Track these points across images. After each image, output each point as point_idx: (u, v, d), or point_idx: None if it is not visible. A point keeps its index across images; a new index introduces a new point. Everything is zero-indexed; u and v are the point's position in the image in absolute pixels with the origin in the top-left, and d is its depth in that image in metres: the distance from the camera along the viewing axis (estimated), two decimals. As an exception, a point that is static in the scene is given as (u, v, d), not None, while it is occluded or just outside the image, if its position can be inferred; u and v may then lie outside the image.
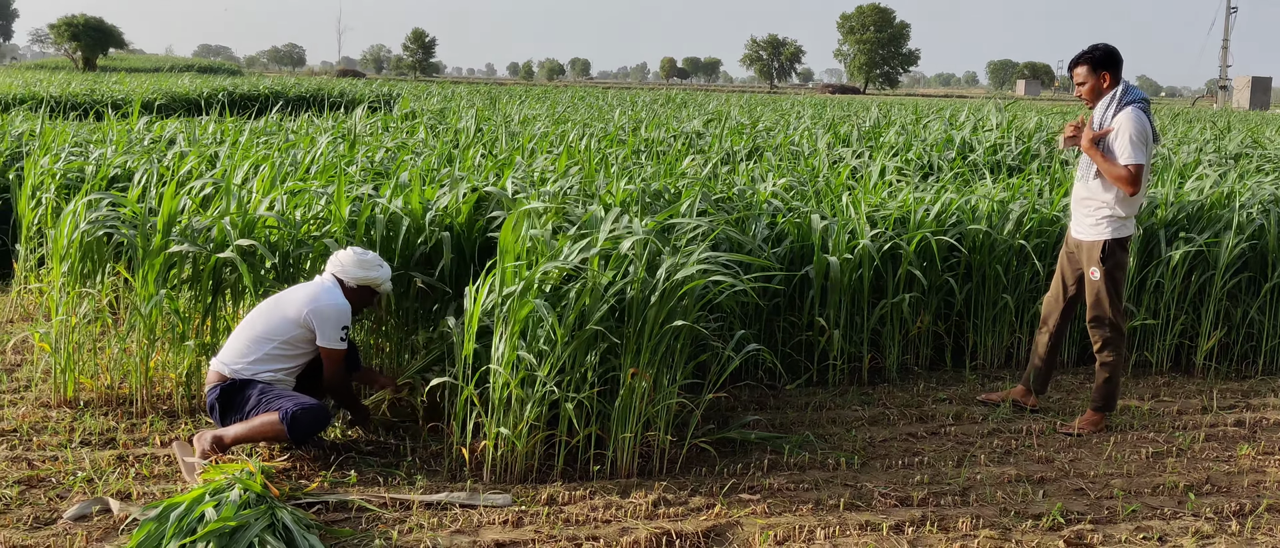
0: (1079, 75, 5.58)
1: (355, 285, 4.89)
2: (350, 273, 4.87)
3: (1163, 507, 4.58)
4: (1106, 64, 5.49)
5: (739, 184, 7.31)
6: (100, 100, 20.56)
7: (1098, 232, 5.47)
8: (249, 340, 4.78)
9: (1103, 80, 5.49)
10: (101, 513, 4.15)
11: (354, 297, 4.89)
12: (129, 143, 8.86)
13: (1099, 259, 5.45)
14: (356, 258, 4.88)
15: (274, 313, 4.81)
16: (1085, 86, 5.55)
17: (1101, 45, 5.54)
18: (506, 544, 4.01)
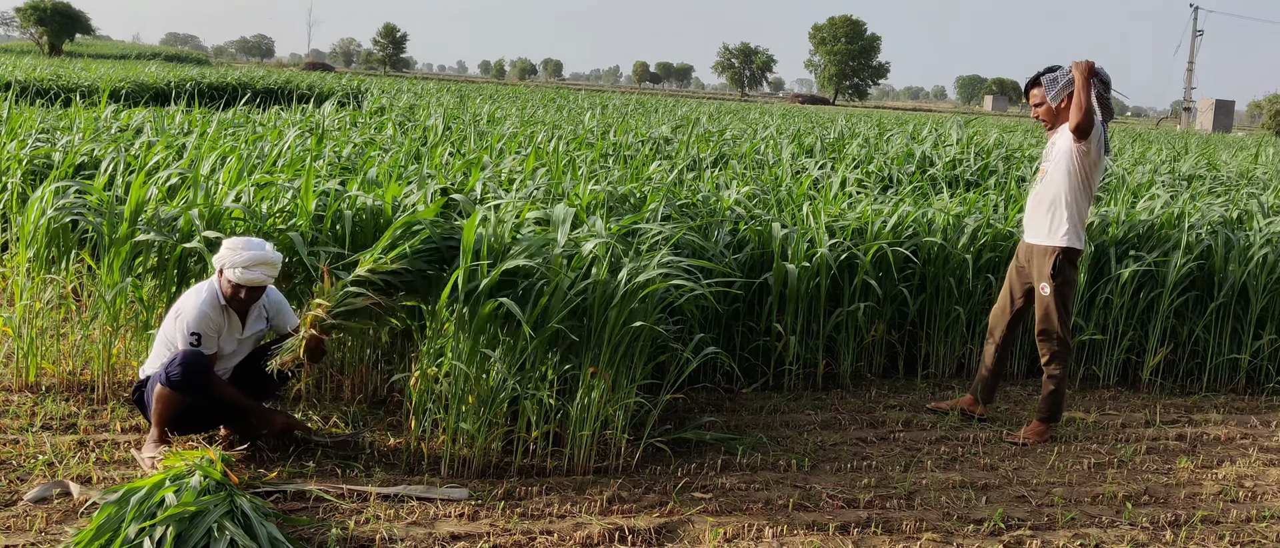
0: (1037, 96, 5.69)
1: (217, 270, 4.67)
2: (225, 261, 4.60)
3: (1101, 516, 4.73)
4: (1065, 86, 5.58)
5: (703, 191, 7.43)
6: (67, 86, 20.41)
7: (1053, 236, 5.56)
8: (157, 344, 4.75)
9: (1061, 105, 5.58)
10: (61, 496, 4.19)
11: (223, 289, 4.67)
12: (96, 131, 8.86)
13: (1050, 274, 5.57)
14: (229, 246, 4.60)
15: (172, 312, 4.73)
16: (1043, 108, 5.65)
17: (1057, 67, 5.65)
18: (462, 537, 4.09)
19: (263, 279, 4.60)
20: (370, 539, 3.99)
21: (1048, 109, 5.64)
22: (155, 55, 64.38)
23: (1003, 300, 5.96)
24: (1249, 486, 5.21)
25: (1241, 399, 6.84)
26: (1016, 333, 6.08)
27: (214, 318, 4.65)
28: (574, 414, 4.80)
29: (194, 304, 4.62)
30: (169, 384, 4.48)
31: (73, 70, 26.14)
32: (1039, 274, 5.65)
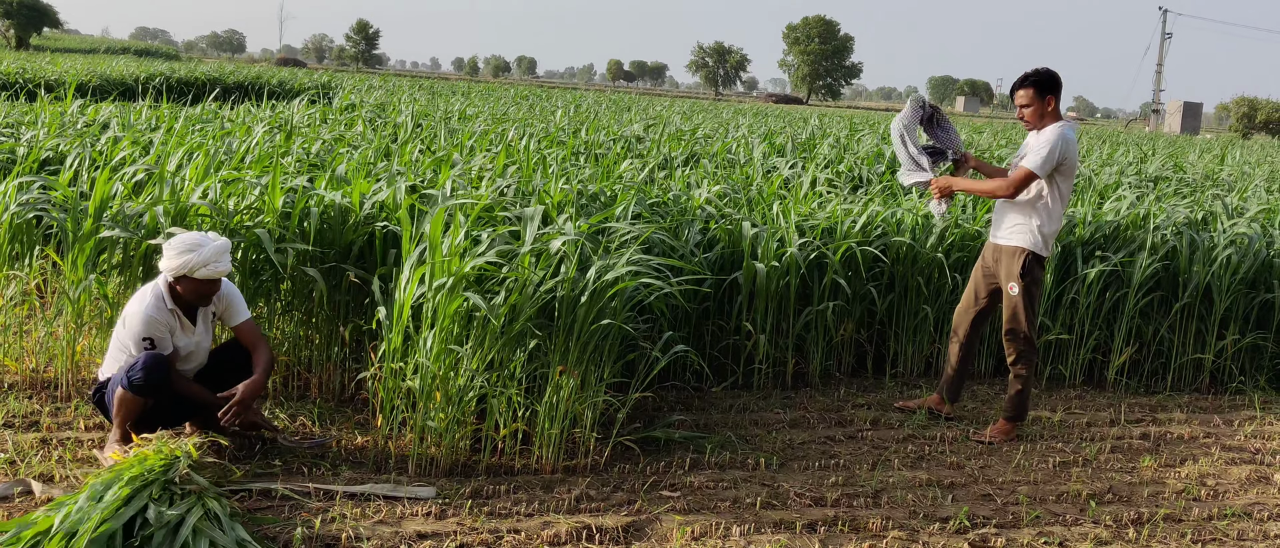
0: (1023, 98, 5.59)
1: (173, 279, 4.58)
2: (166, 264, 4.54)
3: (1065, 514, 4.77)
4: (1051, 87, 5.55)
5: (674, 190, 7.44)
6: (33, 80, 20.18)
7: (1021, 237, 5.58)
8: (111, 348, 4.67)
9: (1047, 104, 5.55)
10: (23, 495, 4.15)
11: (179, 291, 4.59)
12: (62, 126, 8.77)
13: (1018, 274, 5.60)
14: (168, 245, 4.54)
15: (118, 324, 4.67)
16: (1030, 109, 5.57)
17: (1045, 68, 5.61)
18: (429, 536, 4.08)
19: (228, 267, 4.58)
20: (336, 538, 3.97)
21: (1035, 110, 5.56)
22: (124, 50, 63.78)
23: (967, 299, 5.99)
24: (1211, 484, 5.27)
25: (1205, 399, 6.91)
26: (981, 332, 6.11)
27: (162, 321, 4.55)
28: (542, 412, 4.79)
29: (139, 311, 4.52)
30: (130, 388, 4.42)
31: (39, 64, 25.86)
32: (1007, 274, 5.67)
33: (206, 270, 4.49)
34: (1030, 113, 5.57)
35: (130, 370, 4.42)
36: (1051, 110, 5.57)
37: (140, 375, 4.40)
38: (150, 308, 4.52)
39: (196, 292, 4.57)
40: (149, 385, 4.42)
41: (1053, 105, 5.57)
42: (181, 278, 4.53)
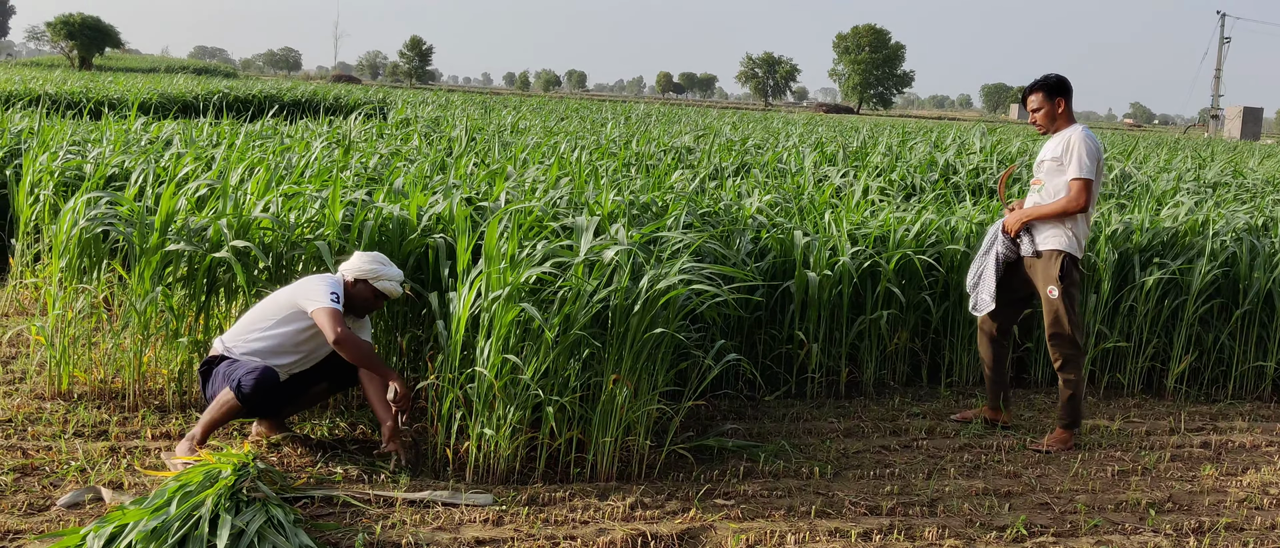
0: (1035, 102, 5.72)
1: (354, 279, 4.97)
2: (352, 267, 4.97)
3: (1124, 522, 4.73)
4: (1061, 90, 5.68)
5: (725, 199, 7.47)
6: (97, 99, 20.66)
7: (1057, 241, 5.58)
8: (244, 323, 4.93)
9: (1058, 106, 5.67)
10: (93, 501, 4.27)
11: (353, 292, 4.97)
12: (126, 142, 8.99)
13: (1057, 277, 5.57)
14: (359, 255, 5.01)
15: (269, 302, 4.95)
16: (1041, 113, 5.70)
17: (1053, 74, 5.76)
18: (487, 542, 4.14)
19: (399, 292, 5.06)
20: (397, 544, 4.04)
21: (1047, 113, 5.69)
22: (184, 68, 65.05)
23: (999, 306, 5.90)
24: (1274, 493, 5.19)
25: (1267, 407, 6.81)
26: (1010, 336, 6.11)
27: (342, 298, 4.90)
28: (596, 421, 4.84)
29: (319, 276, 4.96)
30: (238, 395, 4.61)
31: (102, 83, 26.45)
32: (1045, 279, 5.64)
33: (386, 285, 4.98)
34: (1042, 116, 5.69)
35: (243, 377, 4.62)
36: (1062, 112, 5.69)
37: (250, 386, 4.60)
38: (331, 275, 4.98)
39: (366, 298, 5.00)
40: (254, 399, 4.64)
41: (1063, 107, 5.68)
42: (362, 281, 4.97)
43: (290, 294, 4.90)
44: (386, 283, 4.98)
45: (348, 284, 4.97)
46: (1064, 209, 5.54)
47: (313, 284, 4.89)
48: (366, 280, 4.96)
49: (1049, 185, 5.64)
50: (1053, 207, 5.57)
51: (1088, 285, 6.90)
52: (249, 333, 4.89)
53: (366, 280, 4.96)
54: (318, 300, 4.78)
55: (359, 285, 4.97)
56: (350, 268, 4.98)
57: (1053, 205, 5.57)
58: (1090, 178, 5.51)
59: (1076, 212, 5.54)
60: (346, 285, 4.96)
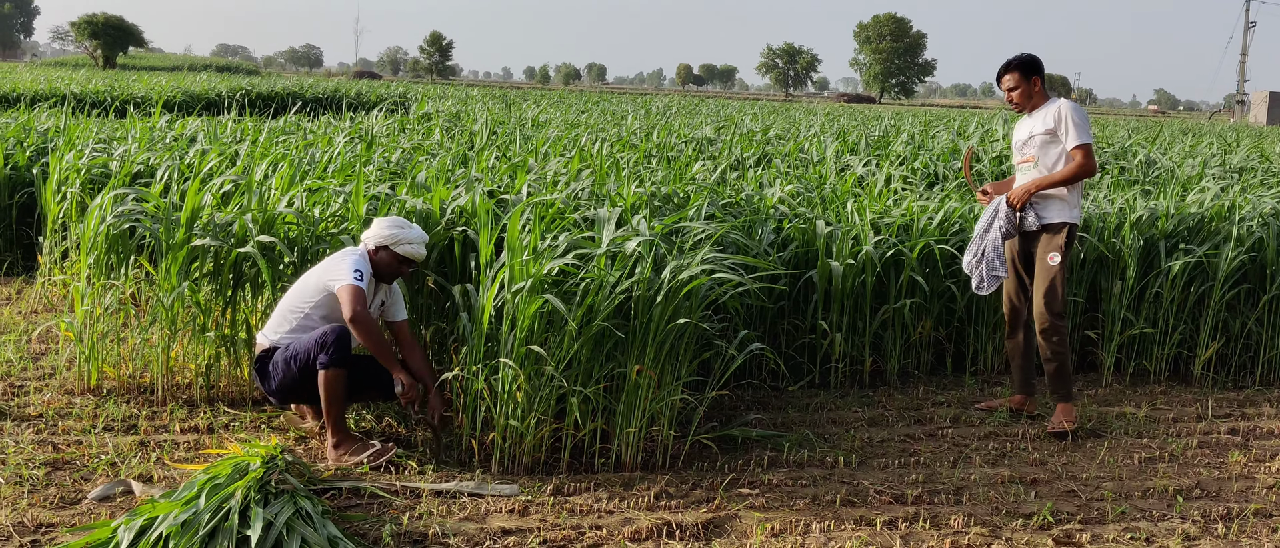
0: (1011, 82, 5.77)
1: (376, 247, 4.96)
2: (372, 233, 4.97)
3: (1151, 509, 4.70)
4: (1036, 69, 5.75)
5: (747, 190, 7.46)
6: (121, 97, 20.82)
7: (1062, 214, 5.63)
8: (282, 312, 4.96)
9: (1034, 84, 5.74)
10: (124, 495, 4.32)
11: (377, 259, 4.96)
12: (151, 140, 9.06)
13: (1062, 245, 5.61)
14: (380, 220, 5.00)
15: (300, 285, 4.99)
16: (1018, 92, 5.74)
17: (1025, 53, 5.84)
18: (513, 532, 4.16)
19: (423, 254, 5.05)
20: (424, 535, 4.07)
21: (1023, 92, 5.73)
22: (206, 66, 65.35)
23: (1012, 286, 5.96)
24: (1304, 479, 5.15)
25: (1296, 393, 6.75)
26: None
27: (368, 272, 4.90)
28: (620, 411, 4.85)
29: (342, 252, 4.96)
30: (328, 366, 4.65)
31: (126, 82, 26.66)
32: (1049, 246, 5.66)
33: (408, 248, 4.96)
34: (1018, 95, 5.75)
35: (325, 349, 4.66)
36: (1038, 90, 5.76)
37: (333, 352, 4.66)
38: (356, 250, 4.97)
39: (390, 264, 4.98)
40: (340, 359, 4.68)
41: (1039, 86, 5.76)
42: (383, 248, 4.95)
43: (319, 275, 4.91)
44: (408, 246, 4.97)
45: (371, 252, 4.97)
46: (1075, 175, 5.57)
47: (338, 261, 4.90)
48: (387, 247, 4.95)
49: (1043, 160, 5.67)
50: (1063, 173, 5.57)
51: (1113, 272, 6.86)
52: (287, 321, 4.92)
53: (387, 247, 4.95)
54: (342, 277, 4.79)
55: (381, 253, 4.96)
56: (371, 236, 4.98)
57: (1063, 172, 5.58)
58: (1091, 141, 5.57)
59: (1087, 177, 5.60)
60: (370, 254, 4.97)
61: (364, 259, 4.91)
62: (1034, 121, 5.74)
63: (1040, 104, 5.76)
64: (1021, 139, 5.83)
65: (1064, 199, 5.65)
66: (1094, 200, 7.61)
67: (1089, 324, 7.05)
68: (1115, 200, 7.61)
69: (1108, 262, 6.91)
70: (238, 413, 5.38)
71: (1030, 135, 5.73)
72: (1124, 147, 13.51)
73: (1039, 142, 5.68)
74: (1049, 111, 5.68)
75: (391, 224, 4.97)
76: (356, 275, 4.80)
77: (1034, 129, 5.72)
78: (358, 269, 4.82)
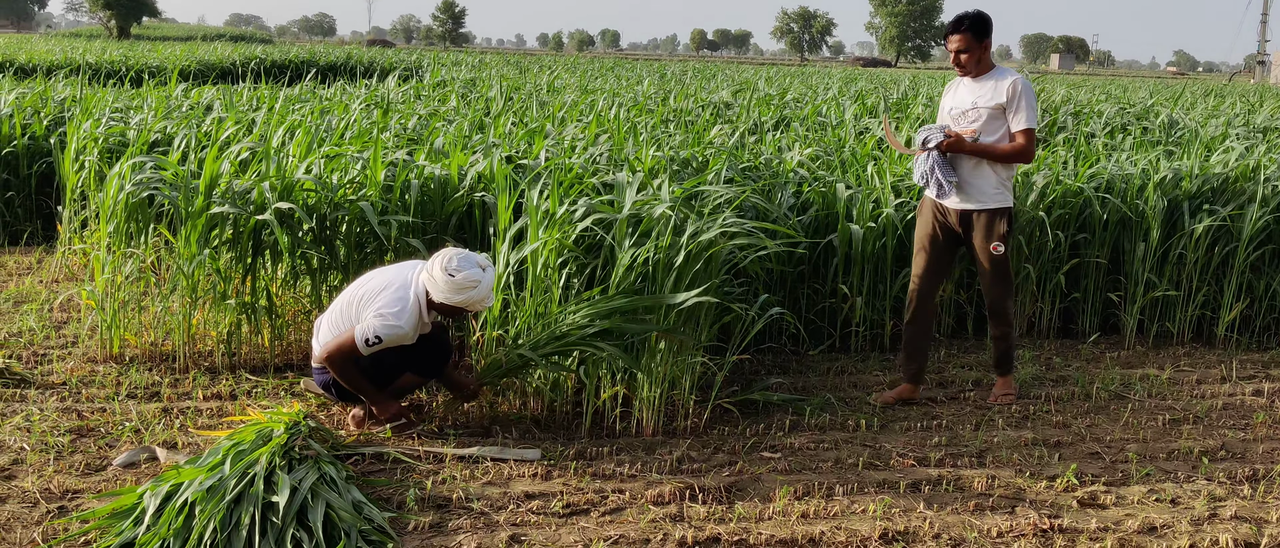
0: (959, 42, 5.23)
1: (445, 305, 4.54)
2: (441, 294, 4.46)
3: (1177, 471, 4.68)
4: (987, 30, 5.25)
5: (766, 154, 7.41)
6: (136, 67, 20.82)
7: (1001, 198, 5.26)
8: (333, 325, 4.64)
9: (985, 49, 5.26)
10: (149, 461, 4.34)
11: (444, 311, 4.61)
12: (167, 109, 9.06)
13: (1002, 234, 5.26)
14: (446, 281, 4.42)
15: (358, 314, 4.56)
16: (967, 55, 5.23)
17: (975, 11, 5.28)
18: (536, 496, 4.16)
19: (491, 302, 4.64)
20: (447, 499, 4.08)
21: (973, 56, 5.23)
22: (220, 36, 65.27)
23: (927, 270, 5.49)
24: (1330, 440, 5.12)
25: (1321, 354, 6.69)
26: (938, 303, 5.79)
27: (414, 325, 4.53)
28: (641, 376, 4.84)
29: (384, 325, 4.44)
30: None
31: (141, 52, 26.66)
32: (990, 235, 5.26)
33: (483, 306, 4.57)
34: (967, 58, 5.23)
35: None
36: (987, 55, 5.30)
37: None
38: (396, 321, 4.45)
39: (452, 311, 4.61)
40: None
41: (988, 49, 5.29)
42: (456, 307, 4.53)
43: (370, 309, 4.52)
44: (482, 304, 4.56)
45: (435, 304, 4.55)
46: (1015, 158, 5.19)
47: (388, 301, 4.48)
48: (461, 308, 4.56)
49: (985, 136, 5.21)
50: (1005, 150, 5.16)
51: (1135, 234, 6.80)
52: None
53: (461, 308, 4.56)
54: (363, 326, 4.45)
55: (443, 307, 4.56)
56: (442, 294, 4.46)
57: (1005, 148, 5.17)
58: (1036, 126, 5.23)
59: (1025, 163, 5.30)
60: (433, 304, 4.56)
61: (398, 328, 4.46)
62: (980, 91, 5.26)
63: (987, 70, 5.28)
64: (963, 107, 5.30)
65: (1001, 181, 5.25)
66: (1116, 161, 7.53)
67: (1112, 287, 7.00)
68: (1138, 161, 7.53)
69: (1130, 223, 6.85)
70: (260, 380, 5.39)
71: (974, 105, 5.24)
72: (1146, 107, 13.38)
73: (985, 115, 5.20)
74: (1001, 85, 5.19)
75: (467, 286, 4.43)
76: (372, 341, 4.43)
77: (980, 99, 5.23)
78: (377, 340, 4.44)
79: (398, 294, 4.52)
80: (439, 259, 4.48)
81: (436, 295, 4.48)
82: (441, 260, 4.46)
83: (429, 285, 4.50)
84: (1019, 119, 5.16)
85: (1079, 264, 6.90)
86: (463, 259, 4.46)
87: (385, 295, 4.52)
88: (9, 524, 3.73)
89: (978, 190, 5.26)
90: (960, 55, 5.25)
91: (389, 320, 4.44)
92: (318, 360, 4.68)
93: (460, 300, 4.47)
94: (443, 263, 4.44)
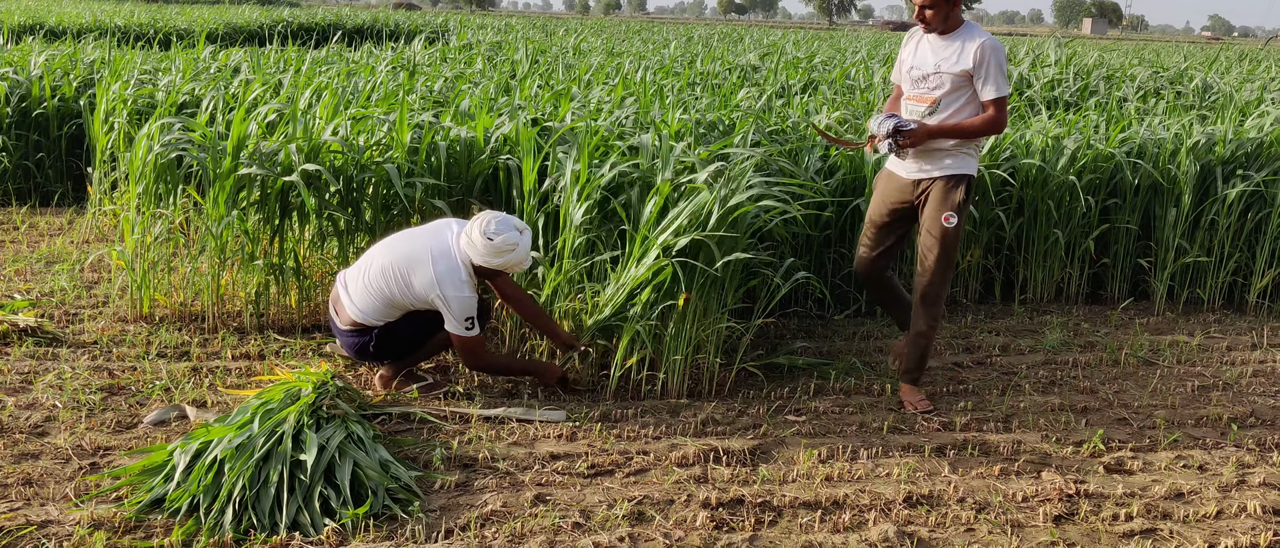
0: None
1: (485, 267, 4.59)
2: (481, 257, 4.50)
3: (1205, 437, 4.65)
4: None
5: (793, 117, 7.36)
6: (164, 30, 20.88)
7: (963, 165, 4.73)
8: (383, 303, 4.63)
9: (954, 5, 4.67)
10: (179, 419, 4.38)
11: (483, 273, 4.65)
12: (195, 71, 9.08)
13: (959, 204, 4.72)
14: (485, 244, 4.45)
15: (402, 282, 4.57)
16: (934, 11, 4.64)
17: None
18: (562, 457, 4.18)
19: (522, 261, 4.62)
20: (473, 459, 4.10)
21: (941, 14, 4.65)
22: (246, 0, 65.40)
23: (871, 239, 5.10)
24: (1362, 408, 5.06)
25: (1355, 321, 6.61)
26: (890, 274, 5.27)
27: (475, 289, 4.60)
28: (667, 339, 4.84)
29: (456, 294, 4.49)
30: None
31: (169, 15, 26.70)
32: (944, 205, 4.70)
33: (522, 267, 4.61)
34: (933, 14, 4.64)
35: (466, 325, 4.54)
36: (957, 11, 4.70)
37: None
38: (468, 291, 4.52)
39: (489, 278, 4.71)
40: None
41: (958, 7, 4.71)
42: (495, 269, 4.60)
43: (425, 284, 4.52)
44: (521, 265, 4.60)
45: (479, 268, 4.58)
46: (985, 132, 4.70)
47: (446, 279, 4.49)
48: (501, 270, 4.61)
49: (948, 104, 4.71)
50: (973, 124, 4.66)
51: (1167, 199, 6.72)
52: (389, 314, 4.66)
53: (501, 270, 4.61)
54: (456, 327, 4.53)
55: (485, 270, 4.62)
56: (481, 257, 4.50)
57: (974, 123, 4.66)
58: (1007, 94, 4.73)
59: (996, 133, 4.79)
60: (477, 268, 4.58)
61: (471, 297, 4.53)
62: (944, 52, 4.68)
63: (954, 28, 4.71)
64: (924, 69, 4.74)
65: (971, 149, 4.76)
66: (1149, 125, 7.44)
67: (1142, 252, 6.93)
68: (1171, 126, 7.43)
69: (1162, 189, 6.77)
70: (287, 340, 5.43)
71: (937, 69, 4.68)
72: (1180, 71, 13.19)
73: (949, 80, 4.66)
74: (968, 48, 4.62)
75: (505, 249, 4.47)
76: (468, 326, 4.53)
77: (944, 63, 4.66)
78: (470, 317, 4.52)
79: (451, 268, 4.52)
80: (476, 224, 4.50)
81: (476, 259, 4.52)
82: (479, 225, 4.48)
83: (469, 250, 4.53)
84: (989, 88, 4.63)
85: (1109, 229, 6.83)
86: (500, 223, 4.48)
87: (441, 271, 4.50)
88: (42, 480, 3.79)
89: (933, 156, 4.75)
90: (927, 11, 4.66)
91: (463, 295, 4.50)
92: (348, 322, 4.71)
93: (499, 263, 4.50)
94: (480, 227, 4.47)
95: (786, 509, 3.81)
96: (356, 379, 4.93)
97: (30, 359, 5.05)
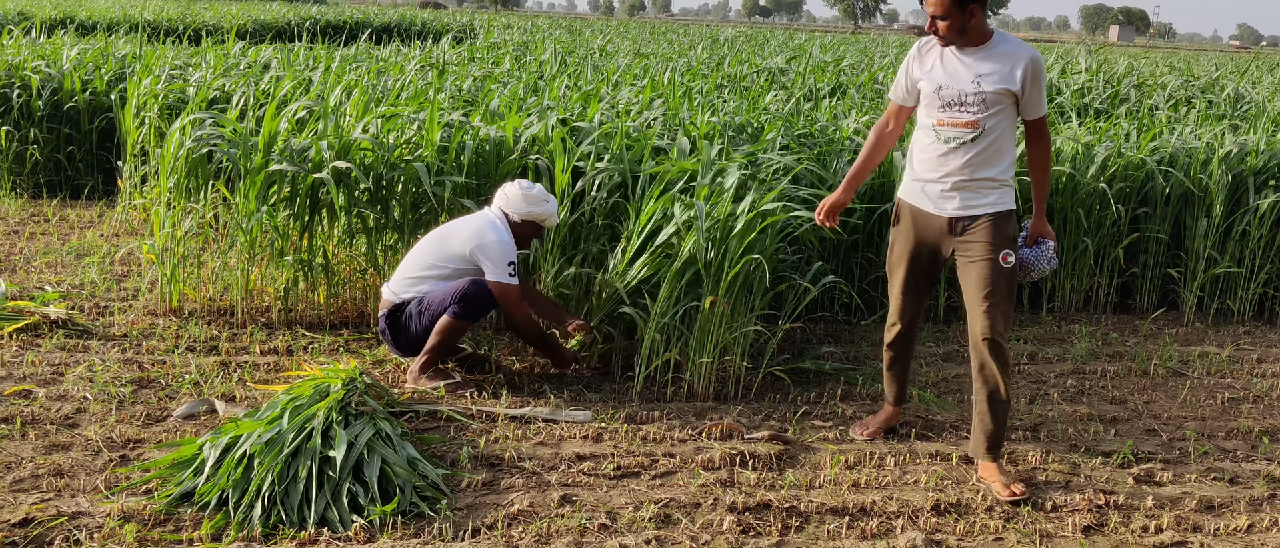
0: (936, 7, 3.95)
1: (520, 220, 4.89)
2: (516, 207, 4.86)
3: (1236, 450, 4.61)
4: None
5: (821, 120, 7.34)
6: (194, 26, 21.02)
7: (1005, 199, 4.11)
8: (416, 270, 4.89)
9: (969, 17, 3.93)
10: (208, 413, 4.41)
11: (519, 231, 4.90)
12: (226, 67, 9.14)
13: (1013, 237, 4.14)
14: (522, 193, 4.84)
15: (440, 247, 4.88)
16: (945, 23, 3.96)
17: None
18: (588, 457, 4.18)
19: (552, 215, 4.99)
20: (500, 457, 4.11)
21: (952, 24, 3.95)
22: (274, -4, 65.73)
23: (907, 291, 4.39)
24: (1396, 423, 5.01)
25: (1388, 336, 6.54)
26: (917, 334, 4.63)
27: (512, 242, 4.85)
28: (694, 342, 4.83)
29: (496, 238, 4.76)
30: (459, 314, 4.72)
31: (199, 11, 26.88)
32: (998, 243, 4.05)
33: (553, 220, 4.97)
34: (947, 27, 3.95)
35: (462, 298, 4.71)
36: (977, 22, 3.96)
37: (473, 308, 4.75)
38: (507, 236, 4.81)
39: (529, 236, 4.99)
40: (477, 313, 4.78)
41: (978, 17, 3.95)
42: (529, 221, 4.91)
43: (464, 243, 4.81)
44: (553, 218, 4.97)
45: (513, 222, 4.89)
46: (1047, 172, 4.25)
47: (486, 233, 4.78)
48: (535, 221, 4.92)
49: (993, 128, 4.02)
50: (1047, 160, 4.22)
51: (1198, 209, 6.67)
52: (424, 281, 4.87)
53: (535, 221, 4.92)
54: (498, 272, 4.72)
55: (526, 225, 4.92)
56: (518, 208, 4.86)
57: (1047, 160, 4.22)
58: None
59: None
60: (512, 224, 4.89)
61: (511, 243, 4.80)
62: (984, 68, 3.99)
63: (985, 40, 4.02)
64: (963, 89, 4.01)
65: (1008, 177, 4.12)
66: (1180, 135, 7.37)
67: (1171, 263, 6.87)
68: (1203, 135, 7.37)
69: (1193, 198, 6.72)
70: (316, 336, 5.46)
71: (977, 89, 3.98)
72: (1211, 80, 13.08)
73: (991, 100, 3.97)
74: (1008, 62, 3.98)
75: (540, 199, 4.88)
76: (511, 271, 4.73)
77: (983, 82, 3.97)
78: (512, 263, 4.74)
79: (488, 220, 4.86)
80: (509, 185, 4.93)
81: (513, 213, 4.87)
82: (513, 183, 4.92)
83: (506, 207, 4.89)
84: (1037, 105, 4.07)
85: (1139, 239, 6.78)
86: (531, 182, 4.94)
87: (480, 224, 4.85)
88: (73, 471, 3.82)
89: (978, 189, 4.10)
90: (939, 22, 3.98)
91: (503, 238, 4.78)
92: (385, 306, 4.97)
93: (535, 213, 4.87)
94: (515, 184, 4.91)
95: (814, 515, 3.80)
96: (385, 376, 4.95)
97: (61, 351, 5.09)
